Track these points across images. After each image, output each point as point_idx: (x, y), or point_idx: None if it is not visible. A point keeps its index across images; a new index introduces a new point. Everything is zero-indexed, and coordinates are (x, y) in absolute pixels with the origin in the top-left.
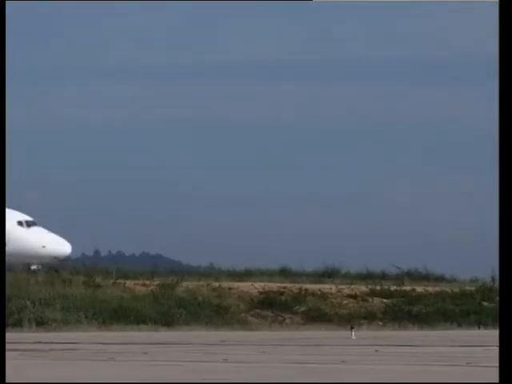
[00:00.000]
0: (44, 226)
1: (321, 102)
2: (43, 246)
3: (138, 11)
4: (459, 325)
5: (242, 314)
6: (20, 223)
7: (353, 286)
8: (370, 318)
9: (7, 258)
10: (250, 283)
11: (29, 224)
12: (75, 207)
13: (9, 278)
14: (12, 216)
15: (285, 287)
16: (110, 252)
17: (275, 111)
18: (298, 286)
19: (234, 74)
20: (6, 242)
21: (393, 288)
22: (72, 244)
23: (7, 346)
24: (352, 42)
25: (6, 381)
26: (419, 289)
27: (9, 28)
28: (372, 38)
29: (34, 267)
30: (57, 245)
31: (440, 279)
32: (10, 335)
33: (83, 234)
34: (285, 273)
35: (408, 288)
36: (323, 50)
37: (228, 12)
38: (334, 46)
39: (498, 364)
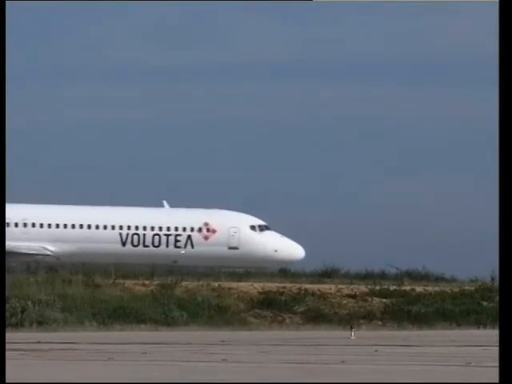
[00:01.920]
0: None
1: (321, 102)
2: (275, 250)
3: (138, 11)
4: (459, 325)
5: (242, 314)
6: (253, 227)
7: (352, 286)
8: (369, 317)
9: (239, 262)
10: (249, 283)
11: (261, 228)
12: None
13: (9, 278)
14: (245, 220)
15: (284, 287)
16: None
17: (275, 111)
18: (297, 286)
19: (234, 74)
20: (237, 245)
21: (392, 288)
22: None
23: (7, 346)
24: (352, 42)
25: (6, 381)
26: (419, 289)
27: (9, 28)
28: (372, 38)
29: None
30: (289, 249)
31: (440, 279)
32: (10, 335)
33: None
34: (284, 273)
35: (407, 288)
36: (323, 50)
37: (228, 12)
38: (334, 45)
39: (498, 364)
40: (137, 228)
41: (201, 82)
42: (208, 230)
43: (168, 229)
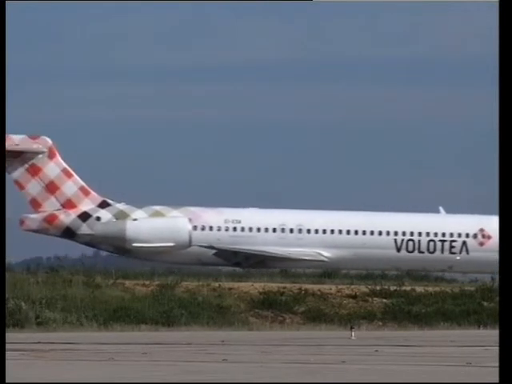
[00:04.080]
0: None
1: (321, 102)
2: None
3: (138, 11)
4: (459, 325)
5: (242, 314)
6: None
7: (353, 286)
8: (369, 318)
9: None
10: (250, 283)
11: None
12: None
13: (9, 278)
14: None
15: (285, 287)
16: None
17: (275, 111)
18: (297, 286)
19: (234, 74)
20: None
21: (393, 288)
22: (72, 244)
23: (7, 346)
24: (352, 42)
25: (6, 381)
26: (419, 289)
27: (9, 28)
28: (372, 38)
29: None
30: None
31: (440, 279)
32: (10, 335)
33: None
34: (285, 273)
35: (408, 288)
36: (323, 50)
37: (228, 12)
38: (333, 45)
39: (498, 364)
40: (412, 234)
41: (201, 83)
42: (483, 236)
43: (443, 235)
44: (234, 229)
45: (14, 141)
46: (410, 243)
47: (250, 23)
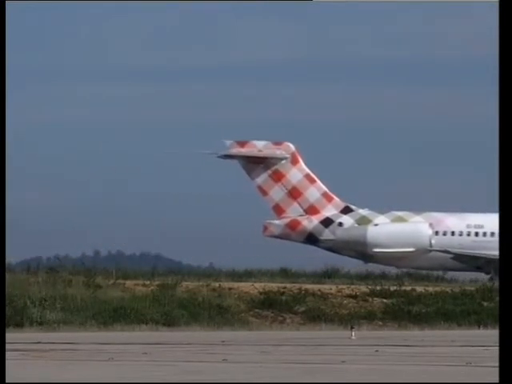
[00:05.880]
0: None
1: (321, 102)
2: None
3: (139, 11)
4: (459, 325)
5: (242, 314)
6: None
7: (353, 286)
8: (369, 318)
9: None
10: (250, 283)
11: None
12: (75, 207)
13: (9, 278)
14: None
15: (285, 287)
16: (109, 252)
17: (275, 111)
18: (298, 286)
19: (234, 74)
20: None
21: (393, 288)
22: (72, 244)
23: (8, 346)
24: (352, 41)
25: (6, 381)
26: (419, 289)
27: (9, 28)
28: (372, 38)
29: None
30: None
31: (440, 279)
32: (10, 335)
33: (83, 234)
34: (285, 273)
35: (408, 288)
36: (323, 50)
37: (228, 12)
38: (334, 45)
39: (498, 364)
40: None
41: (201, 83)
42: None
43: None
44: (476, 234)
45: (257, 147)
46: None
47: (250, 23)
